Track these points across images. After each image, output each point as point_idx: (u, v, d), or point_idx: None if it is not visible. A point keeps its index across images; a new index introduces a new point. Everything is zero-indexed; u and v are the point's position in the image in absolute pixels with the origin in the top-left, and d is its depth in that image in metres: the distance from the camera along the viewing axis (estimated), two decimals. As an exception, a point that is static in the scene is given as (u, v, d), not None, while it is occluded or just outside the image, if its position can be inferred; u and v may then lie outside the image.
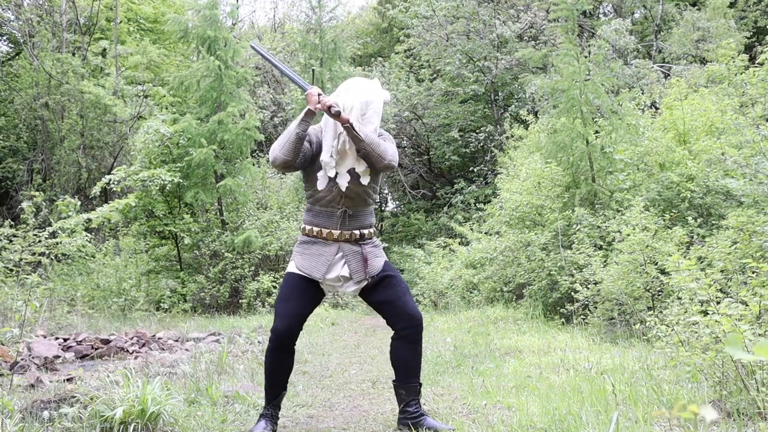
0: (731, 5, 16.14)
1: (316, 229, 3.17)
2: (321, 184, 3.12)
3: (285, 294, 3.16)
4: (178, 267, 11.45)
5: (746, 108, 7.01)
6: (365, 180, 3.13)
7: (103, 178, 8.55)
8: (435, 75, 19.22)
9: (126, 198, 9.83)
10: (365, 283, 3.17)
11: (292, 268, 3.20)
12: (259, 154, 17.77)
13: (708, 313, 3.15)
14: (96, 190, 7.80)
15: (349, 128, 3.02)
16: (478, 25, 17.90)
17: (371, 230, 3.25)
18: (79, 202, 7.38)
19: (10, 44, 18.80)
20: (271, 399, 3.15)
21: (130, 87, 16.37)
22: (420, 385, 3.21)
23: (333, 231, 3.15)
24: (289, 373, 3.18)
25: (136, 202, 10.38)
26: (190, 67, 12.96)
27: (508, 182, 10.69)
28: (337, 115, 3.01)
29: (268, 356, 3.13)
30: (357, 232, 3.18)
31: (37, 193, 5.74)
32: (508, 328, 7.10)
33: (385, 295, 3.18)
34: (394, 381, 3.23)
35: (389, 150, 3.10)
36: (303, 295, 3.14)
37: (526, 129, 13.00)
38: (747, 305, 3.21)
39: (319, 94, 3.06)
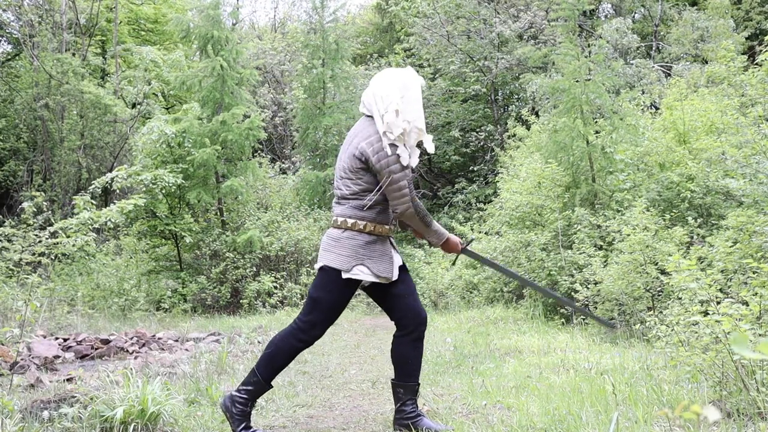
0: (735, 3, 16.12)
1: (380, 227, 3.11)
2: (414, 161, 3.15)
3: (342, 301, 3.10)
4: (179, 267, 11.45)
5: (746, 108, 7.01)
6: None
7: (105, 176, 8.54)
8: (435, 74, 19.24)
9: (132, 198, 9.80)
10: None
11: (366, 275, 3.06)
12: (261, 154, 17.79)
13: (708, 314, 3.14)
14: (96, 185, 7.79)
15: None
16: (479, 24, 17.90)
17: None
18: (88, 198, 7.36)
19: (10, 45, 18.81)
20: (262, 393, 3.13)
21: (131, 87, 16.35)
22: (418, 385, 3.20)
23: (390, 227, 3.16)
24: None
25: (143, 203, 10.36)
26: (191, 68, 12.96)
27: (509, 182, 10.68)
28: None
29: (291, 353, 3.09)
30: (394, 227, 3.23)
31: (38, 194, 5.73)
32: (508, 329, 7.10)
33: (399, 288, 3.16)
34: (392, 379, 3.22)
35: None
36: (349, 299, 3.16)
37: (527, 129, 13.00)
38: (747, 305, 3.21)
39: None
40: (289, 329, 3.11)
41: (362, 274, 3.04)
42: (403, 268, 3.19)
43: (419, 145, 3.19)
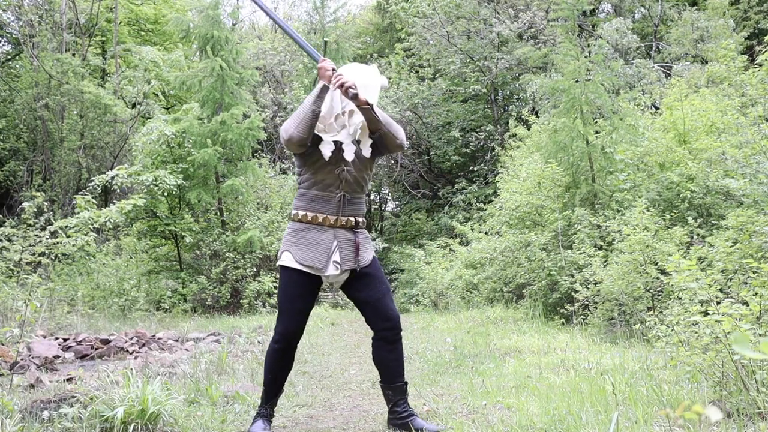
0: (733, 3, 16.12)
1: (311, 214, 3.07)
2: (326, 152, 3.04)
3: (290, 292, 3.05)
4: (179, 267, 11.44)
5: (746, 108, 7.01)
6: (366, 155, 3.13)
7: (105, 174, 8.53)
8: (435, 74, 19.24)
9: (131, 198, 9.83)
10: (349, 272, 3.11)
11: (289, 261, 3.05)
12: (261, 154, 17.79)
13: (708, 314, 3.14)
14: (96, 183, 7.78)
15: (368, 110, 2.99)
16: (479, 24, 17.90)
17: (364, 219, 3.22)
18: (89, 197, 7.35)
19: (10, 45, 18.82)
20: (270, 398, 3.15)
21: (131, 87, 16.34)
22: (406, 384, 3.20)
23: (330, 216, 3.07)
24: (290, 371, 3.19)
25: (143, 203, 10.36)
26: (191, 68, 12.95)
27: (509, 182, 10.68)
28: (354, 98, 2.97)
29: (273, 356, 3.08)
30: (353, 219, 3.13)
31: (38, 194, 5.73)
32: (508, 329, 7.10)
33: (366, 293, 3.12)
34: (380, 382, 3.23)
35: (401, 129, 3.13)
36: (307, 291, 3.07)
37: (528, 129, 13.00)
38: (747, 305, 3.21)
39: (333, 69, 3.02)
40: None
41: (285, 260, 3.06)
42: (370, 274, 3.12)
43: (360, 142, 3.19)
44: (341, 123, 3.09)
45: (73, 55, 16.67)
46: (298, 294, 3.05)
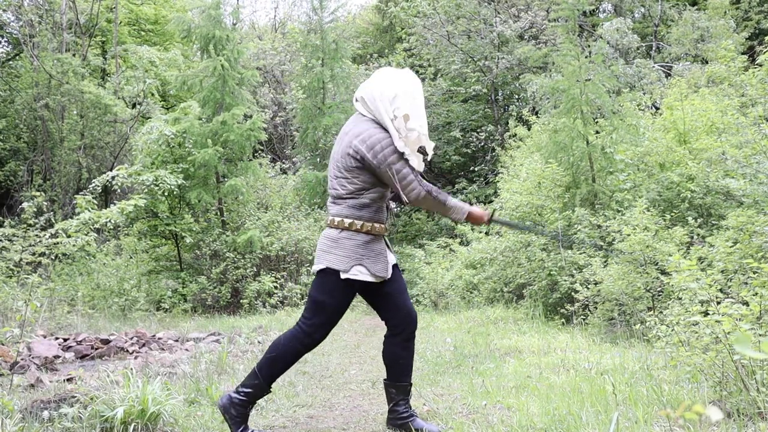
0: (733, 3, 16.12)
1: (378, 225, 3.09)
2: (420, 164, 3.14)
3: (343, 304, 3.06)
4: (179, 267, 11.44)
5: (746, 108, 7.01)
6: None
7: (105, 174, 8.52)
8: (436, 74, 19.23)
9: (132, 199, 9.84)
10: None
11: (365, 275, 3.03)
12: (262, 154, 17.79)
13: (708, 314, 3.14)
14: (96, 183, 7.77)
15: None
16: (479, 24, 17.90)
17: None
18: (90, 198, 7.34)
19: (10, 45, 18.82)
20: (264, 394, 3.11)
21: (130, 87, 16.35)
22: (410, 385, 3.19)
23: (383, 225, 3.14)
24: None
25: (144, 203, 10.35)
26: (190, 67, 12.95)
27: (509, 182, 10.68)
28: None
29: (296, 357, 3.07)
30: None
31: (38, 194, 5.73)
32: (508, 329, 7.10)
33: (389, 287, 3.14)
34: (385, 379, 3.23)
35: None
36: (351, 300, 3.13)
37: (528, 129, 12.99)
38: (747, 305, 3.21)
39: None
40: (293, 333, 3.07)
41: (360, 274, 3.01)
42: (394, 267, 3.18)
43: (421, 150, 3.17)
44: (398, 125, 3.06)
45: (74, 55, 16.67)
46: (348, 304, 3.10)
